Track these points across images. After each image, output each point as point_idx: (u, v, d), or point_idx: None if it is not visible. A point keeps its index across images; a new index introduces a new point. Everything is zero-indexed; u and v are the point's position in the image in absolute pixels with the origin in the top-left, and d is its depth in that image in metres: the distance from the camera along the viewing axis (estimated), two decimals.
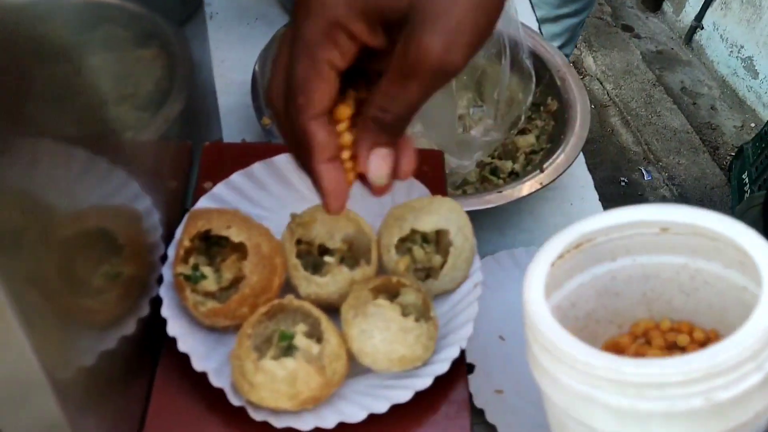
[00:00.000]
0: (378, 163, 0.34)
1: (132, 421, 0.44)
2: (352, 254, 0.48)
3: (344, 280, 0.46)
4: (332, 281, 0.46)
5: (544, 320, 0.34)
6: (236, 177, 0.53)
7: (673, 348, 0.38)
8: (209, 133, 0.74)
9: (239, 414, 0.43)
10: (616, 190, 1.73)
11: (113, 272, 0.43)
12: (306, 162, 0.35)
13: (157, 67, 0.62)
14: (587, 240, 0.37)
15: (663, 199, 1.73)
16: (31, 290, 0.28)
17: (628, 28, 2.20)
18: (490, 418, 0.54)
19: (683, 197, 1.74)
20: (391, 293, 0.45)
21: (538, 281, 0.36)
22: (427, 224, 0.46)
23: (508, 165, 0.75)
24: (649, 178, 1.77)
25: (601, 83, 2.03)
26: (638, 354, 0.38)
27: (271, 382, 0.41)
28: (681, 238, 0.37)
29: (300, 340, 0.42)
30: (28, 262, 0.28)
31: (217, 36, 0.83)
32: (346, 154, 0.35)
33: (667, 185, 1.77)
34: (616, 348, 0.39)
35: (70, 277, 0.34)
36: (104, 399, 0.40)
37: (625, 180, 1.77)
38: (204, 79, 0.77)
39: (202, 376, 0.44)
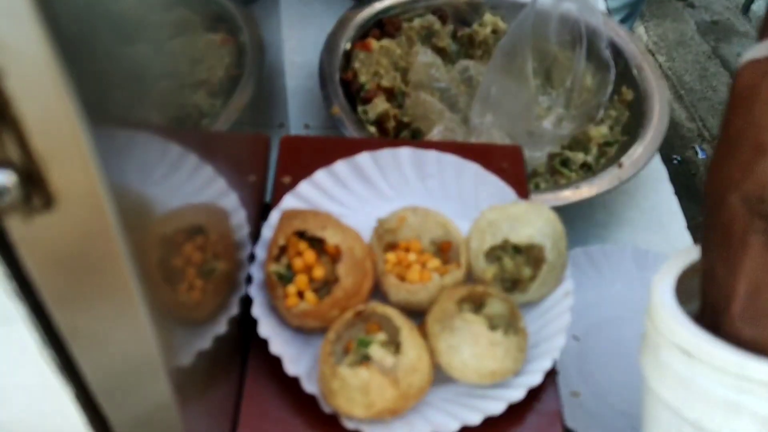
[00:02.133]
0: None
1: (225, 420, 0.45)
2: (441, 257, 0.48)
3: (435, 287, 0.45)
4: (423, 288, 0.45)
5: (680, 320, 0.32)
6: (320, 174, 0.53)
7: None
8: (274, 119, 0.74)
9: (331, 420, 0.43)
10: (668, 169, 1.68)
11: (208, 268, 0.43)
12: None
13: (226, 53, 0.61)
14: None
15: None
16: (158, 285, 0.30)
17: None
18: (568, 421, 0.54)
19: None
20: (477, 303, 0.45)
21: (666, 284, 0.34)
22: (522, 237, 0.46)
23: (579, 156, 0.73)
24: (704, 156, 1.73)
25: (653, 55, 1.97)
26: None
27: (345, 389, 0.41)
28: None
29: (375, 351, 0.42)
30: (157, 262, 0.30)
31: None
32: None
33: None
34: None
35: (175, 273, 0.36)
36: (203, 392, 0.41)
37: (678, 158, 1.72)
38: (273, 62, 0.76)
39: (292, 379, 0.44)
